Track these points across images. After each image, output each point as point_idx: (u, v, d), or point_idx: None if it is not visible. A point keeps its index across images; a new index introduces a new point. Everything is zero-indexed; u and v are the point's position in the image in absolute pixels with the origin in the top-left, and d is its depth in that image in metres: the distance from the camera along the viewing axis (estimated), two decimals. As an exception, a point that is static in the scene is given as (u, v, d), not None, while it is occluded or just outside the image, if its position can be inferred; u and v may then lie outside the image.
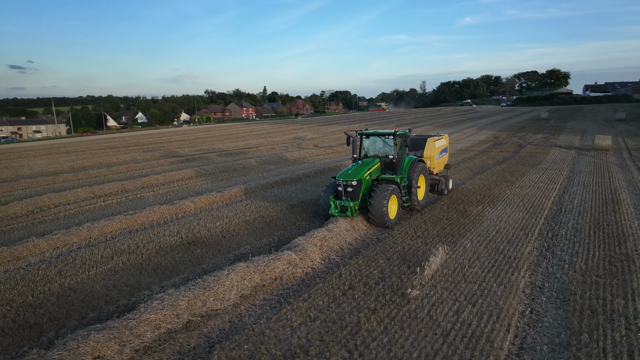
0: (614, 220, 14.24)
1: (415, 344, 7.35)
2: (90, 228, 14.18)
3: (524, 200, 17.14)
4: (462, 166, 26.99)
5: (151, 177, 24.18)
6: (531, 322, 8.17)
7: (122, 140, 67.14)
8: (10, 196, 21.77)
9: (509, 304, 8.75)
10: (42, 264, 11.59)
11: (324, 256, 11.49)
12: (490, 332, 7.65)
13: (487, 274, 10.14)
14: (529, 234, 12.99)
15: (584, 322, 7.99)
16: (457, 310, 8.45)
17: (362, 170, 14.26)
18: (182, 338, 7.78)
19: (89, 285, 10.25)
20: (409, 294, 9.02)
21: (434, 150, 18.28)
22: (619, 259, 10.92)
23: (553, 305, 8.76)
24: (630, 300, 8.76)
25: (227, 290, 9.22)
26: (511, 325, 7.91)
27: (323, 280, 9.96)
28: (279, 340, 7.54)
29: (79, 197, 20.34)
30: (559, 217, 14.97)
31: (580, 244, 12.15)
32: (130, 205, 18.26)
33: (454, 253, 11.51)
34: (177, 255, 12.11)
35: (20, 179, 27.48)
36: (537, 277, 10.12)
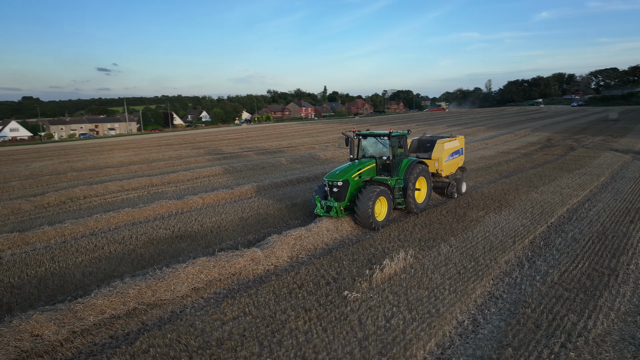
0: (624, 232, 13.08)
1: (330, 345, 7.35)
2: (98, 219, 15.34)
3: (535, 207, 16.17)
4: (493, 169, 25.86)
5: (179, 174, 25.50)
6: (465, 332, 7.86)
7: (179, 138, 70.95)
8: (54, 187, 23.94)
9: (451, 312, 8.44)
10: (43, 250, 12.77)
11: (292, 255, 11.66)
12: (411, 339, 7.46)
13: (445, 281, 9.81)
14: (517, 242, 12.31)
15: (518, 336, 7.55)
16: (390, 316, 8.30)
17: (350, 171, 14.22)
18: (120, 324, 8.33)
19: (70, 271, 11.18)
20: (347, 296, 8.97)
21: (443, 152, 17.73)
22: (602, 273, 10.09)
23: (499, 317, 8.33)
24: (586, 317, 8.13)
25: (180, 282, 9.68)
26: (438, 335, 7.66)
27: (278, 278, 10.14)
28: (202, 332, 7.85)
29: (108, 190, 21.95)
30: (564, 225, 14.01)
31: (569, 254, 11.34)
32: (146, 199, 19.45)
33: (424, 257, 11.21)
34: (162, 247, 12.82)
35: (71, 171, 30.07)
36: (500, 287, 9.63)
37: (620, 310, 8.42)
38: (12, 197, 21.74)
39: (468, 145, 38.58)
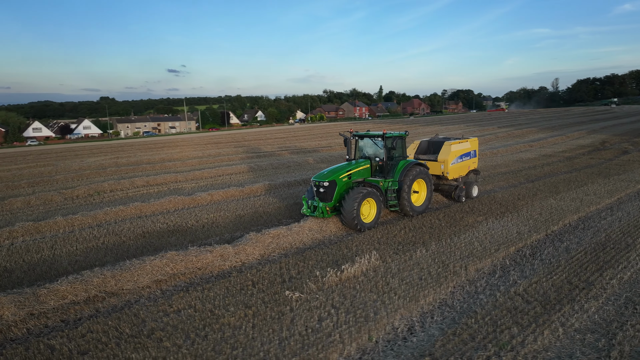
0: (627, 244, 12.03)
1: (251, 342, 7.47)
2: (107, 212, 16.41)
3: (543, 213, 15.25)
4: (523, 173, 24.60)
5: (204, 171, 26.53)
6: (395, 339, 7.68)
7: (229, 136, 73.45)
8: (90, 181, 25.79)
9: (390, 318, 8.26)
10: (49, 239, 13.88)
11: (264, 253, 11.86)
12: (333, 342, 7.41)
13: (401, 286, 9.58)
14: (501, 250, 11.72)
15: (446, 347, 7.27)
16: (325, 317, 8.27)
17: (338, 172, 14.18)
18: (75, 309, 8.95)
19: (61, 259, 12.09)
20: (288, 295, 9.03)
21: (449, 155, 17.16)
22: (575, 286, 9.40)
23: (438, 326, 8.05)
24: (530, 331, 7.65)
25: (144, 274, 10.20)
26: (362, 340, 7.54)
27: (238, 275, 10.38)
28: (141, 322, 8.25)
29: (134, 185, 23.31)
30: (565, 234, 13.14)
31: (550, 265, 10.65)
32: (160, 195, 20.47)
33: (392, 261, 10.99)
34: (151, 240, 13.50)
35: (114, 167, 32.17)
36: (457, 296, 9.27)
37: (573, 327, 7.84)
38: (50, 190, 23.67)
39: (510, 148, 36.92)
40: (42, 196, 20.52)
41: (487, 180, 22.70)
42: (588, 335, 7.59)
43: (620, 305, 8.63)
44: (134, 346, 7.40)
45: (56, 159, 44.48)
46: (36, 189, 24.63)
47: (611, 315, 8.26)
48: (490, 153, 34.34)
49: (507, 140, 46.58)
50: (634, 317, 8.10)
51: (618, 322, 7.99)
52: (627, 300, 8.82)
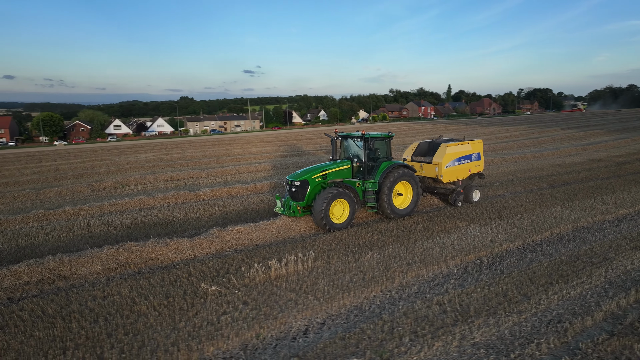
0: (608, 258, 10.98)
1: (145, 329, 7.87)
2: (112, 204, 17.74)
3: (535, 222, 14.24)
4: (552, 178, 23.02)
5: (228, 168, 27.64)
6: (284, 338, 7.72)
7: (282, 135, 75.21)
8: (124, 175, 27.83)
9: (294, 317, 8.31)
10: (51, 226, 15.33)
11: (219, 248, 12.28)
12: (217, 336, 7.62)
13: (324, 287, 9.52)
14: (457, 258, 11.19)
15: (326, 349, 7.19)
16: (228, 312, 8.47)
17: (311, 172, 14.26)
18: (24, 289, 9.93)
19: (45, 244, 13.35)
20: (203, 288, 9.33)
21: (444, 157, 16.52)
22: (506, 300, 8.81)
23: (334, 330, 7.93)
24: (420, 344, 7.34)
25: (99, 261, 11.02)
26: (248, 336, 7.68)
27: (182, 267, 10.86)
28: (65, 304, 8.96)
29: (157, 179, 24.87)
30: (545, 245, 12.24)
31: (495, 276, 10.02)
32: (169, 189, 21.63)
33: (330, 263, 10.92)
34: (134, 231, 14.46)
35: (157, 162, 34.39)
36: (376, 301, 9.06)
37: (472, 340, 7.40)
38: (82, 182, 25.85)
39: (558, 151, 34.54)
40: (72, 187, 22.56)
41: (504, 185, 21.50)
42: (482, 350, 7.14)
43: (543, 322, 7.98)
44: (44, 325, 8.10)
45: (116, 155, 48.28)
46: (76, 181, 27.06)
47: (524, 331, 7.68)
48: (532, 156, 32.32)
49: (562, 142, 43.41)
50: (548, 335, 7.47)
51: (526, 339, 7.42)
52: (555, 317, 8.14)
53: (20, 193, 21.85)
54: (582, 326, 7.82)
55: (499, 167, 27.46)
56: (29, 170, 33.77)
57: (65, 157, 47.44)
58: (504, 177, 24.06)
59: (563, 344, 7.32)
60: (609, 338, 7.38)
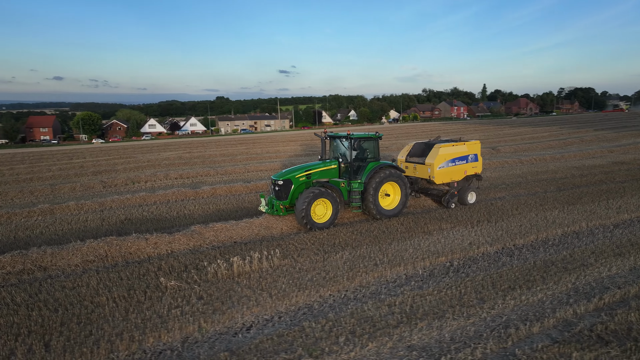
0: (585, 264, 10.61)
1: (96, 319, 8.23)
2: (114, 200, 18.47)
3: (524, 226, 13.87)
4: (563, 181, 22.29)
5: (237, 167, 28.13)
6: (226, 332, 7.89)
7: (306, 135, 75.59)
8: (138, 172, 28.81)
9: (242, 313, 8.49)
10: (54, 220, 16.13)
11: (197, 244, 12.60)
12: (160, 328, 7.89)
13: (284, 286, 9.63)
14: (427, 259, 11.07)
15: (261, 346, 7.33)
16: (181, 305, 8.73)
17: (295, 171, 14.40)
18: (6, 278, 10.53)
19: (42, 236, 14.06)
20: (162, 282, 9.62)
21: (436, 158, 16.29)
22: (460, 303, 8.68)
23: (277, 327, 8.04)
24: (354, 343, 7.37)
25: (80, 254, 11.55)
26: (190, 329, 7.90)
27: (152, 262, 11.22)
28: (36, 292, 9.45)
29: (168, 177, 25.64)
30: (525, 249, 11.93)
31: (458, 280, 9.86)
32: (169, 186, 22.26)
33: (303, 262, 11.02)
34: (128, 226, 15.02)
35: (176, 160, 35.41)
36: (329, 300, 9.11)
37: (409, 343, 7.34)
38: (97, 178, 26.95)
39: (582, 153, 33.34)
40: (85, 183, 23.60)
41: (510, 187, 20.96)
42: (415, 353, 7.09)
43: (489, 327, 7.82)
44: (8, 312, 8.60)
45: (142, 152, 49.92)
46: (93, 177, 28.24)
47: (465, 336, 7.55)
48: (551, 158, 31.29)
49: (589, 144, 41.70)
50: (488, 340, 7.32)
51: (464, 343, 7.30)
52: (504, 322, 7.96)
53: (37, 188, 23.06)
54: (528, 332, 7.61)
55: (511, 169, 26.74)
56: (56, 167, 35.47)
57: (95, 155, 49.45)
58: (513, 179, 23.43)
59: (500, 350, 7.16)
60: (550, 345, 7.17)
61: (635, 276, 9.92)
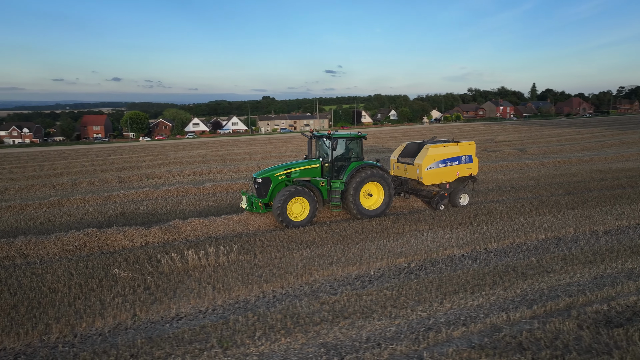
0: (549, 270, 10.22)
1: (47, 303, 8.85)
2: (119, 194, 19.46)
3: (505, 230, 13.45)
4: (576, 184, 21.34)
5: (250, 165, 28.75)
6: (157, 322, 8.25)
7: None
8: (154, 169, 30.07)
9: (179, 304, 8.84)
10: (59, 211, 17.25)
11: (171, 238, 13.11)
12: (97, 314, 8.37)
13: (232, 280, 9.90)
14: (384, 260, 11.00)
15: (180, 336, 7.63)
16: (126, 294, 9.20)
17: (275, 170, 14.66)
18: (-11, 263, 11.46)
19: (42, 227, 15.09)
20: (116, 273, 10.13)
21: (424, 159, 16.05)
22: (380, 306, 8.63)
23: (205, 319, 8.35)
24: (268, 337, 7.53)
25: (59, 244, 12.34)
26: (122, 317, 8.33)
27: (124, 253, 11.82)
28: (6, 278, 10.25)
29: (182, 174, 26.64)
30: (492, 254, 11.60)
31: (412, 280, 9.76)
32: (182, 183, 23.08)
33: (262, 258, 11.26)
34: (122, 219, 15.83)
35: (199, 158, 36.65)
36: (268, 296, 9.31)
37: (323, 340, 7.43)
38: (119, 174, 28.35)
39: (614, 156, 31.67)
40: (102, 178, 24.97)
41: (515, 189, 20.27)
42: (323, 350, 7.12)
43: (411, 329, 7.72)
44: (-27, 294, 9.40)
45: (174, 150, 51.88)
46: (116, 173, 29.75)
47: (382, 336, 7.51)
48: (577, 160, 29.84)
49: (629, 147, 39.30)
50: (403, 342, 7.26)
51: (378, 344, 7.27)
52: (429, 325, 7.83)
53: (59, 182, 24.65)
54: (448, 336, 7.47)
55: (528, 172, 25.74)
56: (89, 163, 37.63)
57: (131, 152, 51.90)
58: (524, 182, 22.58)
59: (410, 352, 7.08)
60: (463, 350, 7.00)
61: (595, 285, 9.45)
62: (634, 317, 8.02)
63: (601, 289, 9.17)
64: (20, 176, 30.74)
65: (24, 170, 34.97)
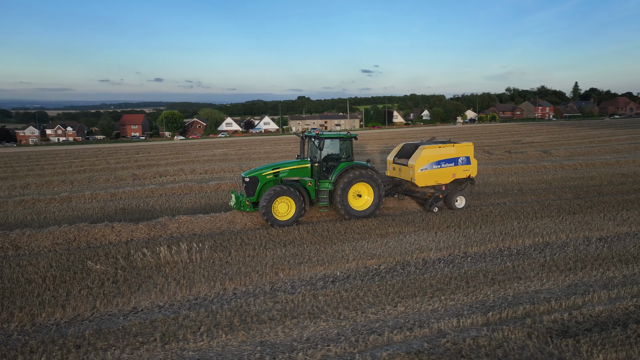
0: (513, 277, 9.88)
1: (22, 293, 9.33)
2: (125, 192, 20.16)
3: (491, 235, 13.05)
4: (595, 188, 20.49)
5: (261, 164, 29.02)
6: (114, 314, 8.53)
7: (365, 135, 75.25)
8: (174, 167, 30.89)
9: (139, 298, 9.09)
10: (65, 206, 18.07)
11: (157, 234, 13.47)
12: (59, 303, 8.74)
13: (197, 277, 10.10)
14: (353, 262, 10.91)
15: (129, 330, 7.89)
16: (93, 287, 9.55)
17: (263, 169, 14.80)
18: (-17, 253, 12.16)
19: (43, 220, 15.85)
20: (90, 266, 10.51)
21: (417, 160, 15.79)
22: (349, 307, 8.58)
23: (160, 313, 8.59)
24: (212, 335, 7.65)
25: (50, 237, 12.94)
26: (83, 307, 8.67)
27: (104, 248, 12.24)
28: (-8, 268, 10.89)
29: (194, 172, 27.28)
30: (469, 259, 11.33)
31: (375, 283, 9.67)
32: (188, 181, 23.62)
33: (235, 256, 11.41)
34: (121, 214, 16.42)
35: (218, 157, 37.41)
36: (228, 293, 9.44)
37: (262, 339, 7.50)
38: (138, 171, 29.32)
39: (642, 159, 29.85)
40: (118, 175, 25.91)
41: (522, 193, 19.64)
42: (259, 348, 7.18)
43: (355, 331, 7.64)
44: (-43, 282, 10.01)
45: (198, 149, 53.06)
46: (135, 170, 30.80)
47: (322, 337, 7.49)
48: (601, 163, 28.54)
49: (663, 149, 37.13)
50: (340, 343, 7.21)
51: (314, 344, 7.26)
52: (374, 328, 7.74)
53: (77, 178, 25.79)
54: (388, 340, 7.36)
55: (542, 174, 24.81)
56: (114, 160, 39.11)
57: (158, 150, 53.48)
58: (535, 185, 21.79)
59: (344, 354, 7.01)
60: (398, 354, 6.87)
61: (565, 293, 9.07)
62: (593, 327, 7.66)
63: (569, 297, 8.79)
64: (48, 172, 32.33)
65: (54, 167, 36.70)
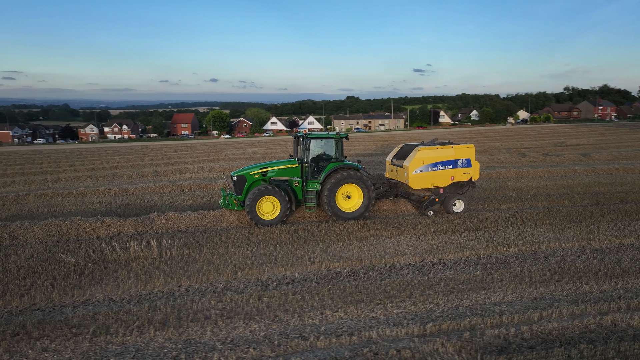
0: (483, 287, 9.36)
1: None
2: (137, 188, 20.95)
3: (475, 242, 12.41)
4: (619, 194, 19.13)
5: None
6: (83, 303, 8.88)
7: (404, 135, 74.02)
8: (195, 165, 31.76)
9: (95, 291, 9.44)
10: (78, 200, 19.05)
11: (143, 229, 13.86)
12: (18, 295, 9.20)
13: (159, 273, 10.29)
14: (318, 264, 10.74)
15: (82, 319, 8.18)
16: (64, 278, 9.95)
17: (251, 168, 14.89)
18: (-18, 242, 13.04)
19: (52, 213, 16.78)
20: (62, 259, 10.97)
21: (412, 161, 15.29)
22: (287, 310, 8.46)
23: (123, 304, 8.84)
24: (134, 333, 7.78)
25: (45, 230, 13.65)
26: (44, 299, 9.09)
27: (88, 241, 12.74)
28: (-19, 256, 11.64)
29: (213, 169, 27.95)
30: (440, 266, 10.85)
31: (327, 286, 9.48)
32: (199, 179, 24.17)
33: (208, 253, 11.56)
34: (123, 209, 17.10)
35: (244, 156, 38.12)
36: (178, 292, 9.58)
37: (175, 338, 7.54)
38: (164, 168, 30.35)
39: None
40: (141, 173, 26.99)
41: (536, 198, 18.64)
42: (180, 346, 7.23)
43: (284, 334, 7.50)
44: (-55, 268, 10.79)
45: (234, 148, 54.22)
46: (162, 167, 31.92)
47: (249, 339, 7.41)
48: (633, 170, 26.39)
49: None
50: (262, 347, 7.12)
51: (238, 346, 7.20)
52: (304, 333, 7.56)
53: (103, 174, 27.11)
54: (310, 346, 7.18)
55: (568, 179, 23.32)
56: (148, 157, 40.77)
57: (197, 148, 55.12)
58: (554, 190, 20.53)
59: (262, 357, 6.89)
60: (307, 363, 6.72)
61: (524, 307, 8.49)
62: (538, 345, 7.12)
63: (526, 312, 8.20)
64: (85, 167, 34.24)
65: (93, 162, 38.81)
